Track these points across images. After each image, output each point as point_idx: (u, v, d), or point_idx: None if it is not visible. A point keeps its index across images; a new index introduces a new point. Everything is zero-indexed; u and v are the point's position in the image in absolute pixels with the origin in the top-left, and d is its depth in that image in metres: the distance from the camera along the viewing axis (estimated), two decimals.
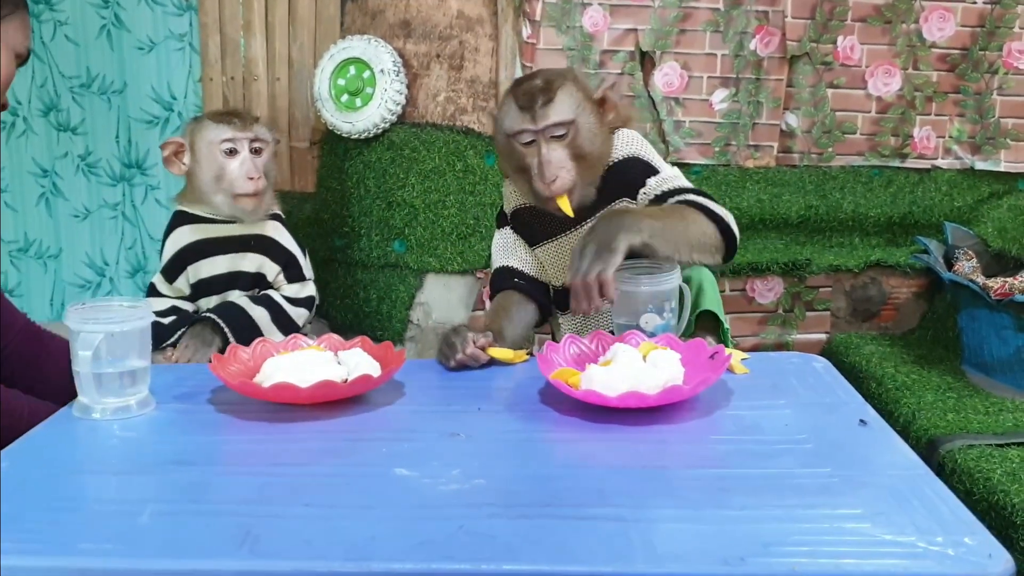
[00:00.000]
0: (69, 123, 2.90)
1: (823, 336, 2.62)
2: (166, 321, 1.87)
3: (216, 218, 1.92)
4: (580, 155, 1.49)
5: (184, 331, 1.84)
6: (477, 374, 1.39)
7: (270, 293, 1.94)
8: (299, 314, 1.95)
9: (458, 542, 0.87)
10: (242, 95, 2.62)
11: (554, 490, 0.98)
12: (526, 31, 2.55)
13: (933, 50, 2.65)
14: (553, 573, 0.83)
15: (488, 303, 1.78)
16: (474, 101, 2.49)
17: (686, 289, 1.48)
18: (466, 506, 0.95)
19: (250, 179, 1.85)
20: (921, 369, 2.28)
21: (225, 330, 1.82)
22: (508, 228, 1.68)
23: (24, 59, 1.50)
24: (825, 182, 2.70)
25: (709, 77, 2.63)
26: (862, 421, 1.16)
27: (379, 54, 2.41)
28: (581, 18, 2.56)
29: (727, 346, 1.54)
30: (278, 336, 1.79)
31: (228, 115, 1.91)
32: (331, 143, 2.57)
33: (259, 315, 1.89)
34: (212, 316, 1.84)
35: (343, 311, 2.57)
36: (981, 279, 2.26)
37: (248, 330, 1.81)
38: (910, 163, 2.71)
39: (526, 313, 1.62)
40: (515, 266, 1.64)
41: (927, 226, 2.68)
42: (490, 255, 1.74)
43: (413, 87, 2.47)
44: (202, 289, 1.94)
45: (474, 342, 1.39)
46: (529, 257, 1.65)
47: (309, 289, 2.00)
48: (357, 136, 2.46)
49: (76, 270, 3.00)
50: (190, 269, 1.92)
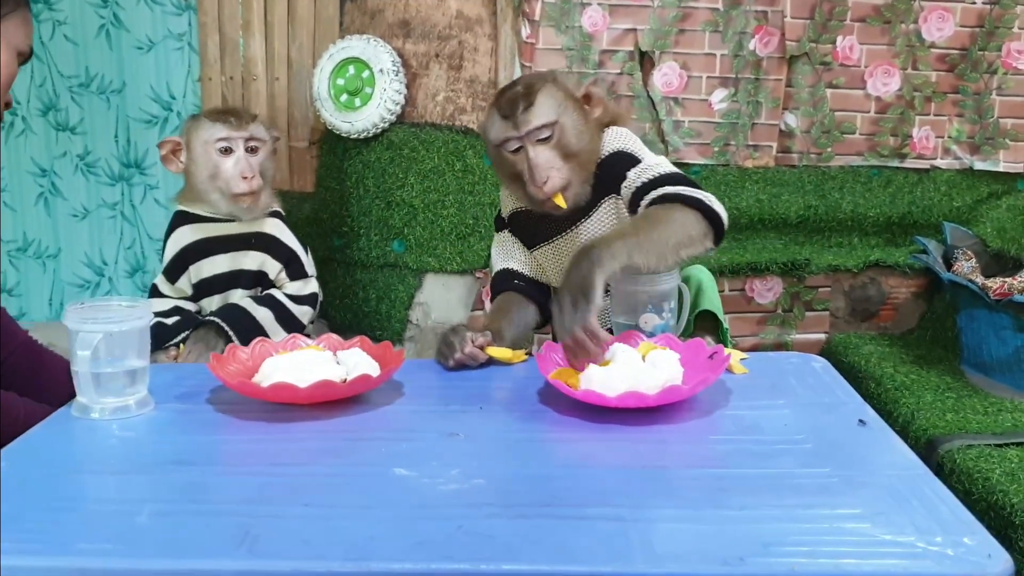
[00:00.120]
0: (68, 123, 2.90)
1: (822, 336, 2.63)
2: (169, 321, 1.87)
3: (216, 217, 1.91)
4: (569, 154, 1.49)
5: (188, 334, 1.83)
6: (476, 374, 1.39)
7: (273, 292, 1.93)
8: (303, 312, 1.94)
9: (457, 542, 0.87)
10: (241, 95, 2.62)
11: (553, 490, 0.98)
12: (525, 31, 2.55)
13: (932, 50, 2.65)
14: (552, 573, 0.83)
15: (488, 304, 1.78)
16: (473, 101, 2.49)
17: (685, 289, 1.48)
18: (465, 506, 0.94)
19: (244, 178, 1.84)
20: (920, 369, 2.28)
21: (229, 333, 1.81)
22: (507, 231, 1.68)
23: (27, 57, 1.49)
24: (824, 182, 2.70)
25: (708, 77, 2.63)
26: (861, 421, 1.16)
27: (378, 54, 2.40)
28: (580, 18, 2.56)
29: (726, 346, 1.54)
30: (283, 335, 1.78)
31: (224, 113, 1.90)
32: (330, 143, 2.57)
33: (263, 316, 1.88)
34: (216, 320, 1.84)
35: (342, 311, 2.56)
36: (980, 279, 2.26)
37: (252, 332, 1.79)
38: (909, 163, 2.71)
39: (526, 314, 1.62)
40: (515, 268, 1.65)
41: (926, 226, 2.69)
42: (489, 255, 1.74)
43: (412, 87, 2.47)
44: (204, 289, 1.93)
45: (472, 341, 1.39)
46: (528, 259, 1.65)
47: (312, 286, 1.98)
48: (356, 136, 2.46)
49: (75, 270, 2.99)
50: (192, 269, 1.92)
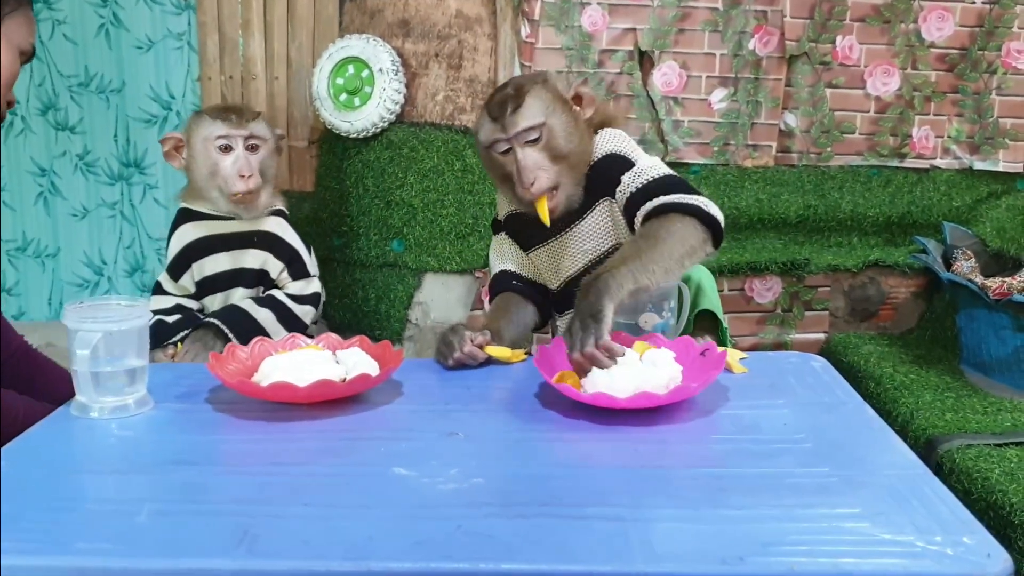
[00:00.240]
0: (67, 122, 2.90)
1: (821, 336, 2.63)
2: (170, 320, 1.86)
3: (218, 215, 1.91)
4: (558, 155, 1.49)
5: (187, 333, 1.83)
6: (475, 373, 1.39)
7: (274, 293, 1.92)
8: (305, 311, 1.93)
9: (456, 542, 0.87)
10: (240, 94, 2.62)
11: (552, 489, 0.98)
12: (525, 30, 2.54)
13: (932, 50, 2.65)
14: (551, 573, 0.83)
15: (487, 303, 1.78)
16: (473, 100, 2.49)
17: (685, 288, 1.48)
18: (464, 505, 0.94)
19: (242, 177, 1.83)
20: (919, 369, 2.28)
21: (228, 335, 1.81)
22: (503, 234, 1.68)
23: (29, 56, 1.49)
24: (824, 182, 2.70)
25: (708, 77, 2.63)
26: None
27: (378, 53, 2.40)
28: (580, 17, 2.56)
29: (726, 346, 1.54)
30: (285, 336, 1.77)
31: (225, 111, 1.89)
32: (330, 142, 2.57)
33: (264, 317, 1.87)
34: (215, 321, 1.83)
35: (341, 310, 2.56)
36: (979, 279, 2.26)
37: (252, 333, 1.76)
38: (909, 163, 2.71)
39: (525, 314, 1.62)
40: (513, 270, 1.65)
41: (926, 226, 2.69)
42: (488, 256, 1.74)
43: (412, 86, 2.47)
44: (207, 286, 1.93)
45: (472, 340, 1.39)
46: (525, 261, 1.65)
47: (314, 286, 1.98)
48: (356, 135, 2.45)
49: (74, 269, 2.99)
50: (194, 266, 1.91)
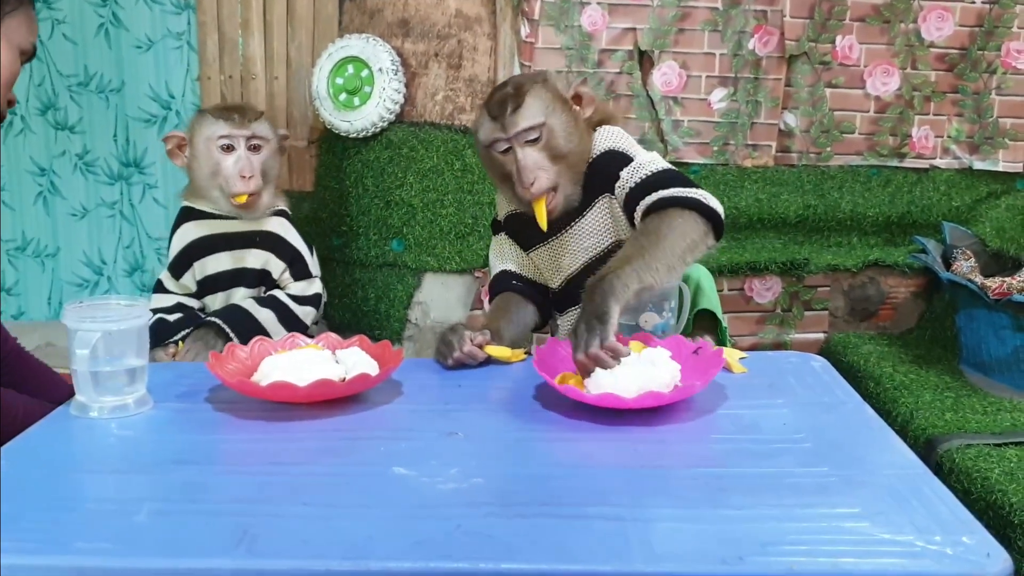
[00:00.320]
0: (67, 122, 2.89)
1: (821, 335, 2.63)
2: (171, 318, 1.86)
3: (220, 214, 1.91)
4: (557, 155, 1.49)
5: (188, 332, 1.83)
6: (475, 373, 1.39)
7: (276, 293, 1.92)
8: (306, 312, 1.93)
9: (456, 541, 0.87)
10: (240, 94, 2.62)
11: (552, 489, 0.98)
12: (524, 30, 2.54)
13: (931, 50, 2.65)
14: (551, 572, 0.83)
15: (486, 303, 1.78)
16: (472, 100, 2.49)
17: (685, 288, 1.47)
18: (464, 505, 0.94)
19: (243, 177, 1.83)
20: (919, 368, 2.28)
21: (230, 334, 1.81)
22: (503, 234, 1.68)
23: (30, 56, 1.48)
24: (823, 182, 2.70)
25: (707, 76, 2.63)
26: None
27: (377, 53, 2.40)
28: (580, 17, 2.56)
29: (725, 345, 1.54)
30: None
31: (228, 110, 1.88)
32: (329, 142, 2.57)
33: (265, 317, 1.87)
34: (216, 320, 1.83)
35: (341, 310, 2.56)
36: (979, 279, 2.26)
37: (253, 333, 1.75)
38: (908, 163, 2.71)
39: (525, 314, 1.62)
40: (512, 269, 1.65)
41: (925, 226, 2.69)
42: (487, 257, 1.74)
43: (411, 86, 2.47)
44: (208, 286, 1.92)
45: (471, 340, 1.39)
46: (525, 261, 1.65)
47: (316, 287, 1.97)
48: (355, 135, 2.45)
49: (74, 269, 2.99)
50: (196, 265, 1.91)
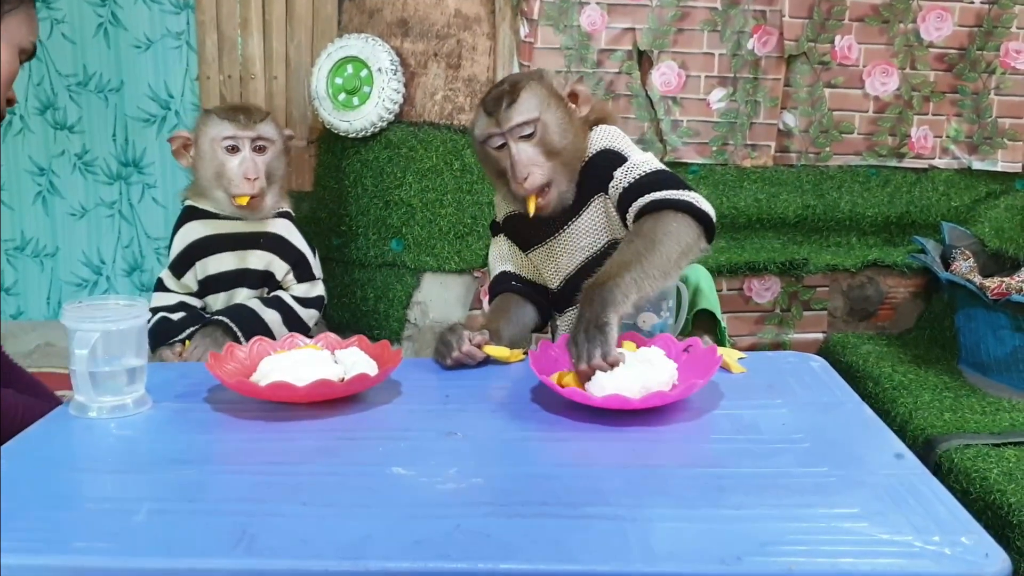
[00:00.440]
0: (66, 121, 2.89)
1: (820, 335, 2.63)
2: (175, 317, 1.86)
3: (224, 214, 1.90)
4: (552, 151, 1.49)
5: (194, 331, 1.82)
6: (474, 373, 1.39)
7: (280, 295, 1.92)
8: (309, 315, 1.93)
9: (454, 541, 0.87)
10: (239, 94, 2.62)
11: (551, 489, 0.98)
12: (524, 30, 2.54)
13: (931, 50, 2.65)
14: (550, 572, 0.83)
15: (486, 303, 1.78)
16: (471, 100, 2.49)
17: (683, 288, 1.48)
18: (463, 505, 0.94)
19: (247, 179, 1.82)
20: (918, 369, 2.28)
21: (237, 333, 1.80)
22: (502, 236, 1.68)
23: (30, 55, 1.47)
24: (822, 182, 2.70)
25: (707, 76, 2.63)
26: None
27: (376, 53, 2.40)
28: (579, 17, 2.56)
29: (724, 345, 1.54)
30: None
31: (233, 111, 1.87)
32: (328, 142, 2.57)
33: (271, 318, 1.86)
34: (224, 319, 1.82)
35: (340, 310, 2.56)
36: (978, 279, 2.26)
37: (259, 333, 1.74)
38: (907, 163, 2.71)
39: (524, 314, 1.62)
40: (512, 270, 1.65)
41: (924, 226, 2.69)
42: (487, 256, 1.74)
43: (410, 86, 2.47)
44: (210, 286, 1.92)
45: (470, 340, 1.39)
46: (525, 262, 1.65)
47: (319, 289, 1.97)
48: (354, 135, 2.46)
49: (73, 268, 2.99)
50: (198, 265, 1.90)
